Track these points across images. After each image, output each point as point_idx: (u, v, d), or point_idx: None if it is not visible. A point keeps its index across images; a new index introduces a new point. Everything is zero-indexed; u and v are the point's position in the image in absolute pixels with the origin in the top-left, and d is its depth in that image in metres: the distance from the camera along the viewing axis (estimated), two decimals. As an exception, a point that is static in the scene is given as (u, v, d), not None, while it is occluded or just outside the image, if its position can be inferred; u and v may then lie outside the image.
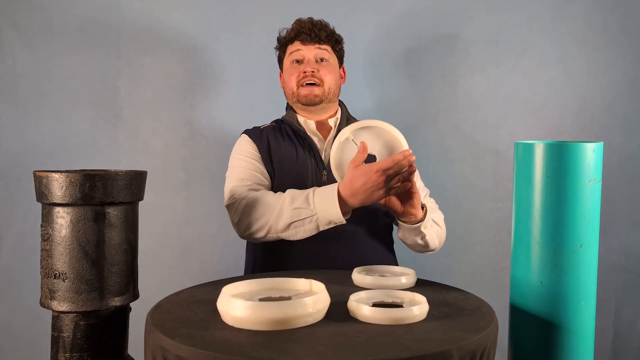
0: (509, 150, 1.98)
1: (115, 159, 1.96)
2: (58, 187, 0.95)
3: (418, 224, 1.36)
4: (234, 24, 1.99)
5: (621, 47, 1.96)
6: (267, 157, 1.50)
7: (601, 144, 0.97)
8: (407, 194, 1.30)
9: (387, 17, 2.01)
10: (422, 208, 1.36)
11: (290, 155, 1.49)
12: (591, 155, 0.95)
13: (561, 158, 0.95)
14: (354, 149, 1.23)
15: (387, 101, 2.01)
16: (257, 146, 1.51)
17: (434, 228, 1.42)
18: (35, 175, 0.98)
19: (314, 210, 1.26)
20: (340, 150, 1.24)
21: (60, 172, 0.96)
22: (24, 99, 1.93)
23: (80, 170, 1.04)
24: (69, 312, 0.97)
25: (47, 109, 1.93)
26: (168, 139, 1.99)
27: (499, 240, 2.00)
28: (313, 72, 1.51)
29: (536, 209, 0.97)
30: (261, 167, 1.48)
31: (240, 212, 1.37)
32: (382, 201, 1.29)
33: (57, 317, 0.99)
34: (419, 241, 1.41)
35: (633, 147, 1.96)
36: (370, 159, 1.23)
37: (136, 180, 1.03)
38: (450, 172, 2.00)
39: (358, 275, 1.17)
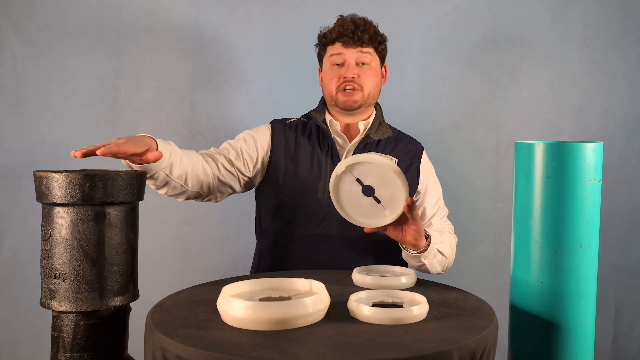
0: (509, 150, 1.98)
1: (115, 159, 1.95)
2: (58, 187, 0.95)
3: (418, 254, 1.33)
4: (234, 23, 1.99)
5: (621, 47, 1.96)
6: (280, 156, 1.48)
7: (601, 144, 0.97)
8: (408, 226, 1.25)
9: (386, 17, 2.01)
10: (427, 238, 1.32)
11: (305, 155, 1.47)
12: (591, 155, 0.95)
13: (561, 158, 0.95)
14: (351, 180, 1.22)
15: (387, 101, 2.01)
16: (271, 138, 1.49)
17: (437, 258, 1.38)
18: (35, 175, 0.98)
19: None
20: (337, 182, 1.23)
21: (60, 172, 0.96)
22: (24, 99, 1.92)
23: (80, 170, 1.04)
24: (69, 312, 0.97)
25: (47, 109, 1.93)
26: (168, 139, 1.98)
27: (499, 240, 2.00)
28: (354, 77, 1.45)
29: (536, 209, 0.97)
30: (244, 149, 1.47)
31: None
32: (382, 229, 1.25)
33: (57, 317, 0.99)
34: (419, 268, 1.39)
35: (633, 147, 1.96)
36: (369, 189, 1.23)
37: (136, 180, 1.03)
38: (450, 172, 2.00)
39: (358, 275, 1.17)
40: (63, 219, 0.96)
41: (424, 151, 1.58)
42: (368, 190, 1.23)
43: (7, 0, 1.91)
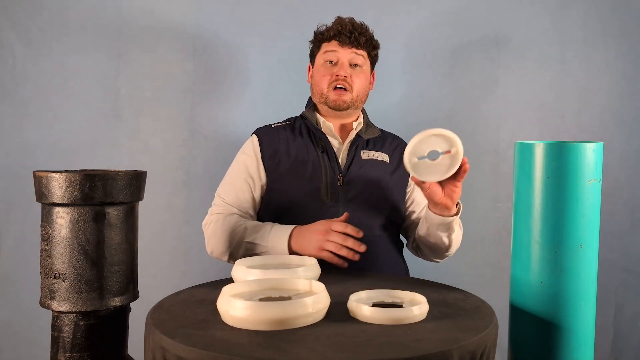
0: (509, 150, 1.98)
1: (115, 159, 1.95)
2: (58, 187, 0.95)
3: (451, 219, 1.35)
4: (234, 24, 1.99)
5: (621, 47, 1.95)
6: (276, 160, 1.48)
7: (601, 144, 0.97)
8: (450, 186, 1.28)
9: (385, 17, 2.01)
10: (457, 205, 1.35)
11: (302, 156, 1.47)
12: (591, 155, 0.95)
13: (561, 158, 0.95)
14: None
15: (387, 101, 2.01)
16: (261, 152, 1.50)
17: (457, 232, 1.43)
18: (35, 175, 0.98)
19: (267, 246, 1.34)
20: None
21: (60, 172, 0.96)
22: (24, 99, 1.92)
23: (80, 170, 1.04)
24: (68, 312, 0.97)
25: (47, 109, 1.93)
26: (168, 139, 1.99)
27: (499, 240, 2.00)
28: (346, 76, 1.48)
29: (536, 209, 0.97)
30: (249, 189, 1.49)
31: (209, 235, 1.46)
32: (427, 185, 1.25)
33: (57, 317, 0.99)
34: (444, 239, 1.41)
35: (633, 147, 1.96)
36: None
37: (136, 180, 1.03)
38: (451, 172, 2.00)
39: None
40: (63, 219, 0.96)
41: None
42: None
43: (7, 0, 1.91)
